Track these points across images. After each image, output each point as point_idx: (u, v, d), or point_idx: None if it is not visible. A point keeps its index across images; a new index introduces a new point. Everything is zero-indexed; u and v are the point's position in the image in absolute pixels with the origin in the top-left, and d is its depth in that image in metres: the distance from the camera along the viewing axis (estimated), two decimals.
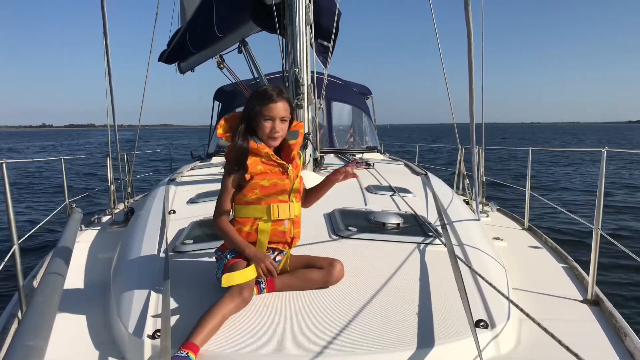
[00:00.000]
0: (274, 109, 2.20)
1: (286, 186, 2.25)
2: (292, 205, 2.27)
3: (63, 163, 5.42)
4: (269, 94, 2.22)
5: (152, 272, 2.46)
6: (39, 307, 1.82)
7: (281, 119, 2.22)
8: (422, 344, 1.84)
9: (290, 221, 2.29)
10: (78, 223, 3.94)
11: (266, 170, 2.22)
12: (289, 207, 2.26)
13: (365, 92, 8.35)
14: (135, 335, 1.95)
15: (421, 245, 2.81)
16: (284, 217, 2.26)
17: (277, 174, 2.24)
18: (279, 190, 2.23)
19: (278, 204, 2.23)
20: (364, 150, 6.62)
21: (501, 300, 2.21)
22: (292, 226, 2.30)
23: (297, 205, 2.31)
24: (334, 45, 4.66)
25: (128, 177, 5.41)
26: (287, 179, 2.25)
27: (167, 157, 10.83)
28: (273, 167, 2.24)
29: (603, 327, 2.31)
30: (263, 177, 2.21)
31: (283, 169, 2.25)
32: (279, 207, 2.23)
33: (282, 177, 2.24)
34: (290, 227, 2.30)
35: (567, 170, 21.56)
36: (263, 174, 2.21)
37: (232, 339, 1.86)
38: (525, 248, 3.84)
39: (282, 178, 2.24)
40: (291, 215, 2.28)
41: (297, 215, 2.32)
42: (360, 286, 2.29)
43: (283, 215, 2.25)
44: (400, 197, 3.85)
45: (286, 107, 2.24)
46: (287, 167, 2.25)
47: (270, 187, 2.22)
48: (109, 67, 4.14)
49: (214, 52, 6.23)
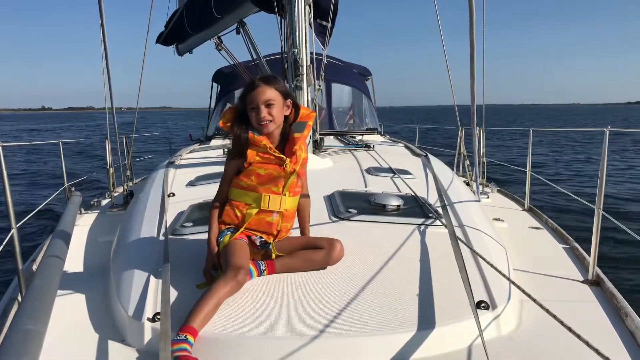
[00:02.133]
0: (254, 96, 2.21)
1: (281, 179, 2.25)
2: (284, 199, 2.26)
3: (62, 146, 5.39)
4: (251, 83, 2.25)
5: (151, 255, 2.46)
6: (38, 291, 1.82)
7: (265, 103, 2.20)
8: (423, 325, 1.83)
9: (280, 214, 2.28)
10: (77, 206, 3.93)
11: (264, 160, 2.24)
12: (281, 200, 2.26)
13: (365, 73, 8.27)
14: (135, 318, 1.95)
15: (421, 226, 2.80)
16: (274, 208, 2.25)
17: (274, 165, 2.24)
18: (273, 181, 2.24)
19: (270, 195, 2.24)
20: (364, 132, 6.59)
21: (502, 281, 2.20)
22: (280, 219, 2.29)
23: (290, 199, 2.30)
24: (333, 25, 4.60)
25: (127, 160, 5.39)
26: (284, 172, 2.24)
27: (166, 140, 10.81)
28: (270, 159, 2.24)
29: (604, 307, 2.31)
30: (260, 166, 2.23)
31: (281, 162, 2.24)
32: (270, 197, 2.24)
33: (279, 169, 2.24)
34: (279, 220, 2.28)
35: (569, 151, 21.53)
36: (260, 163, 2.24)
37: (232, 321, 1.86)
38: (526, 229, 3.83)
39: (278, 170, 2.24)
40: (281, 208, 2.27)
41: (288, 210, 2.30)
42: (360, 268, 2.28)
43: (273, 206, 2.25)
44: (400, 178, 3.83)
45: (270, 91, 2.21)
46: (284, 161, 2.24)
47: (265, 177, 2.23)
48: (105, 50, 4.10)
49: (212, 34, 6.16)
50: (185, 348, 1.70)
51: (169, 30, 6.72)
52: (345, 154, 5.06)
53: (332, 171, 4.16)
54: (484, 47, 4.00)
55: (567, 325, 1.57)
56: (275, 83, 2.26)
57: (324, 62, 4.69)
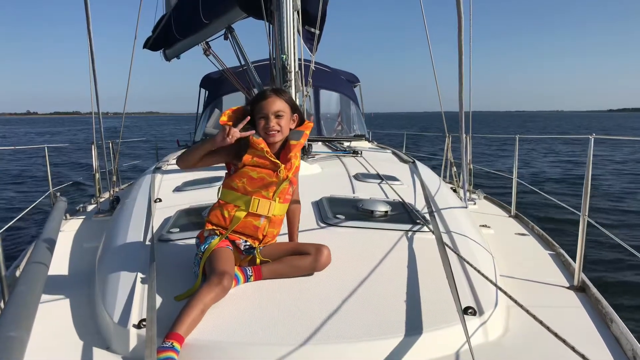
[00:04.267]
0: (265, 105, 2.24)
1: (273, 184, 2.25)
2: (273, 204, 2.27)
3: (47, 151, 5.33)
4: (263, 92, 2.30)
5: (137, 261, 2.43)
6: (21, 297, 1.78)
7: (275, 114, 2.24)
8: (410, 331, 1.83)
9: (267, 219, 2.28)
10: (62, 212, 3.88)
11: (258, 163, 2.24)
12: (270, 205, 2.26)
13: (353, 80, 8.30)
14: (121, 324, 1.92)
15: (409, 232, 2.81)
16: (262, 213, 2.25)
17: (267, 170, 2.25)
18: (264, 186, 2.24)
19: (260, 199, 2.24)
20: (351, 139, 6.60)
21: (489, 287, 2.21)
22: (267, 224, 2.29)
23: (279, 205, 2.30)
24: (321, 31, 4.61)
25: (114, 165, 5.35)
26: (276, 178, 2.25)
27: (153, 146, 10.75)
28: (265, 163, 2.24)
29: (589, 313, 2.32)
30: (253, 169, 2.24)
31: (275, 167, 2.25)
32: (259, 202, 2.24)
33: (271, 174, 2.25)
34: (266, 225, 2.29)
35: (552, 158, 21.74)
36: (254, 166, 2.24)
37: (219, 328, 1.84)
38: (512, 235, 3.85)
39: (271, 175, 2.25)
40: (269, 213, 2.27)
41: (275, 215, 2.31)
42: (348, 274, 2.27)
43: (261, 210, 2.25)
44: (388, 184, 3.84)
45: (280, 103, 2.26)
46: (278, 166, 2.24)
47: (257, 181, 2.24)
48: (92, 54, 4.07)
49: (200, 39, 6.14)
50: (172, 357, 1.68)
51: (157, 35, 6.68)
52: (333, 160, 5.07)
53: (320, 177, 4.16)
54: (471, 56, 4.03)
55: (553, 330, 1.58)
56: (285, 95, 2.31)
57: (312, 69, 4.69)
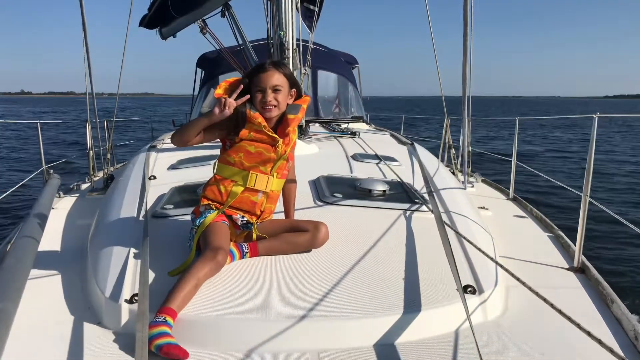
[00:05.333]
0: (263, 78, 2.18)
1: (271, 158, 2.21)
2: (271, 179, 2.23)
3: (39, 127, 5.24)
4: (261, 65, 2.24)
5: (130, 237, 2.38)
6: (9, 270, 1.74)
7: (273, 88, 2.18)
8: (409, 309, 1.80)
9: (265, 195, 2.24)
10: (55, 189, 3.82)
11: (256, 138, 2.19)
12: (267, 180, 2.22)
13: (352, 61, 8.20)
14: (112, 299, 1.88)
15: (407, 212, 2.77)
16: (260, 188, 2.21)
17: (265, 144, 2.20)
18: (262, 160, 2.20)
19: (257, 174, 2.20)
20: (349, 120, 6.53)
21: (488, 266, 2.17)
22: (265, 200, 2.25)
23: (277, 180, 2.26)
24: (320, 8, 4.53)
25: (108, 144, 5.28)
26: (274, 152, 2.20)
27: (148, 128, 10.68)
28: (263, 138, 2.19)
29: (590, 294, 2.30)
30: (251, 143, 2.19)
31: (273, 142, 2.20)
32: (257, 176, 2.20)
33: (270, 149, 2.20)
34: (264, 200, 2.25)
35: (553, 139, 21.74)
36: (252, 140, 2.19)
37: (212, 303, 1.81)
38: (511, 217, 3.82)
39: (269, 150, 2.20)
40: (267, 188, 2.23)
41: (273, 191, 2.27)
42: (345, 251, 2.23)
43: (259, 186, 2.21)
44: (386, 165, 3.79)
45: (279, 77, 2.20)
46: (277, 141, 2.20)
47: (255, 155, 2.19)
48: (85, 33, 3.99)
49: (197, 17, 6.02)
50: (165, 331, 1.64)
51: (153, 13, 6.56)
52: (331, 140, 5.01)
53: (317, 157, 4.10)
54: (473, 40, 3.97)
55: (557, 307, 1.54)
56: (285, 69, 2.24)
57: (311, 47, 4.62)
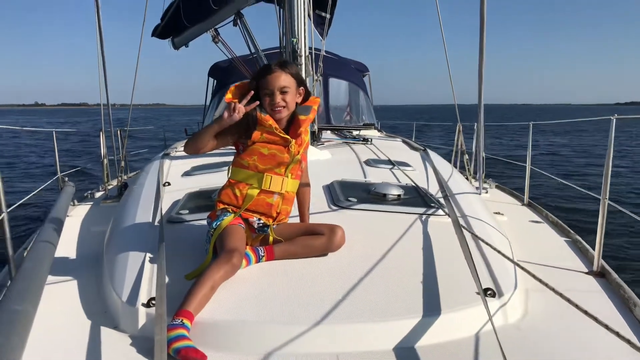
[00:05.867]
0: (270, 80, 2.17)
1: (284, 159, 2.20)
2: (286, 180, 2.22)
3: (55, 136, 5.29)
4: (268, 66, 2.21)
5: (146, 241, 2.39)
6: (28, 273, 1.74)
7: (280, 90, 2.17)
8: (428, 312, 1.77)
9: (281, 196, 2.24)
10: (70, 196, 3.85)
11: (268, 139, 2.18)
12: (282, 181, 2.21)
13: (363, 69, 8.21)
14: (129, 303, 1.87)
15: (423, 216, 2.75)
16: (275, 189, 2.21)
17: (278, 146, 2.19)
18: (276, 162, 2.19)
19: (272, 175, 2.19)
20: (360, 127, 6.53)
21: (507, 269, 2.15)
22: (281, 201, 2.25)
23: (292, 181, 2.26)
24: (332, 16, 4.55)
25: (122, 152, 5.31)
26: (287, 153, 2.20)
27: (161, 136, 10.74)
28: (275, 139, 2.19)
29: (611, 298, 2.26)
30: (264, 145, 2.18)
31: (285, 143, 2.19)
32: (272, 178, 2.19)
33: (283, 150, 2.20)
34: (279, 202, 2.24)
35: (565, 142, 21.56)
36: (264, 142, 2.18)
37: (230, 306, 1.79)
38: (526, 222, 3.77)
39: (282, 151, 2.20)
40: (282, 189, 2.22)
41: (288, 192, 2.26)
42: (362, 255, 2.22)
43: (274, 187, 2.20)
44: (400, 170, 3.78)
45: (286, 78, 2.19)
46: (289, 142, 2.19)
47: (269, 157, 2.18)
48: (101, 36, 4.02)
49: (209, 26, 6.06)
50: (183, 334, 1.63)
51: (165, 22, 6.63)
52: (343, 147, 5.00)
53: (330, 162, 4.09)
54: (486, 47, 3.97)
55: (582, 308, 1.51)
56: (291, 68, 2.22)
57: (323, 53, 4.63)
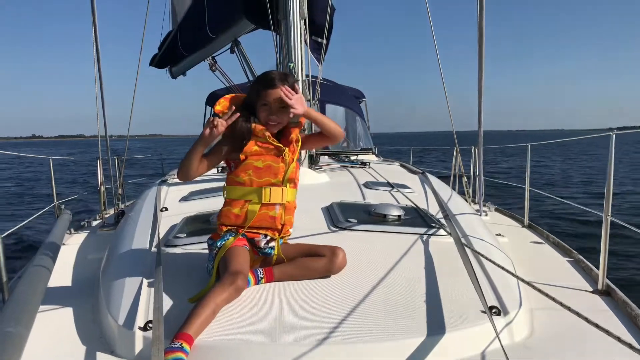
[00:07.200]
0: (272, 94, 2.13)
1: (280, 169, 2.16)
2: (285, 190, 2.17)
3: (51, 163, 5.27)
4: (270, 78, 2.15)
5: (143, 265, 2.34)
6: (22, 297, 1.70)
7: (280, 105, 2.15)
8: (433, 331, 1.73)
9: (282, 207, 2.18)
10: (67, 224, 3.81)
11: (261, 151, 2.14)
12: (282, 192, 2.16)
13: (359, 95, 8.28)
14: (126, 327, 1.82)
15: (424, 236, 2.72)
16: (276, 201, 2.15)
17: (272, 156, 2.16)
18: (273, 172, 2.15)
19: (270, 187, 2.14)
20: (358, 152, 6.54)
21: (511, 287, 2.11)
22: (283, 212, 2.19)
23: (291, 190, 2.21)
24: (328, 41, 4.59)
25: (119, 180, 5.29)
26: (282, 162, 2.16)
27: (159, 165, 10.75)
28: (269, 149, 2.15)
29: (618, 316, 2.22)
30: (257, 158, 2.14)
31: (279, 152, 2.16)
32: (271, 190, 2.14)
33: (277, 159, 2.16)
34: (282, 213, 2.19)
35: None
36: (258, 154, 2.14)
37: (229, 329, 1.75)
38: (528, 243, 3.75)
39: (277, 161, 2.16)
40: (283, 200, 2.17)
41: (289, 202, 2.22)
42: (363, 275, 2.18)
43: (275, 199, 2.15)
44: (399, 192, 3.76)
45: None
46: (283, 150, 2.16)
47: (264, 169, 2.14)
48: (98, 63, 4.04)
49: (206, 54, 6.14)
50: (181, 357, 1.58)
51: (163, 52, 6.70)
52: (342, 170, 4.99)
53: (329, 185, 4.07)
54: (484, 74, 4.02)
55: (593, 322, 1.47)
56: (289, 80, 2.18)
57: (320, 79, 4.66)
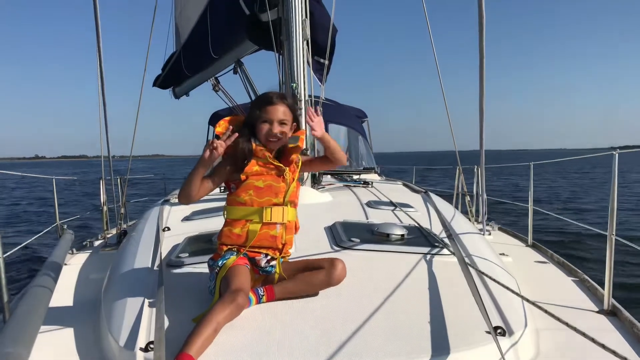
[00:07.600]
0: (271, 111, 2.18)
1: (281, 189, 2.18)
2: (286, 210, 2.18)
3: (54, 183, 5.29)
4: (269, 97, 2.21)
5: (145, 285, 2.33)
6: (22, 317, 1.69)
7: (280, 122, 2.18)
8: (437, 353, 1.71)
9: (283, 226, 2.19)
10: (69, 243, 3.80)
11: (262, 171, 2.16)
12: (283, 211, 2.17)
13: (361, 115, 8.31)
14: (127, 347, 1.81)
15: (427, 255, 2.70)
16: (277, 220, 2.16)
17: (272, 176, 2.18)
18: (273, 192, 2.16)
19: (271, 207, 2.15)
20: (361, 171, 6.53)
21: (516, 308, 2.09)
22: (284, 232, 2.20)
23: (291, 210, 2.22)
24: (330, 62, 4.62)
25: (121, 200, 5.30)
26: (283, 182, 2.18)
27: (161, 185, 10.77)
28: (269, 169, 2.17)
29: (624, 336, 2.19)
30: (258, 178, 2.15)
31: (280, 172, 2.18)
32: (272, 209, 2.15)
33: (278, 179, 2.18)
34: (283, 232, 2.19)
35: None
36: (258, 174, 2.16)
37: (232, 348, 1.73)
38: (532, 263, 3.72)
39: (278, 180, 2.18)
40: (284, 219, 2.18)
41: (290, 221, 2.22)
42: (366, 295, 2.16)
43: (276, 218, 2.16)
44: (402, 211, 3.75)
45: (285, 111, 2.21)
46: (283, 170, 2.18)
47: (265, 189, 2.15)
48: (102, 83, 4.06)
49: (210, 75, 6.18)
50: None
51: (166, 72, 6.75)
52: (344, 190, 4.99)
53: (332, 205, 4.07)
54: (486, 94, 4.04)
55: (599, 342, 1.46)
56: (290, 102, 2.25)
57: (322, 99, 4.68)
